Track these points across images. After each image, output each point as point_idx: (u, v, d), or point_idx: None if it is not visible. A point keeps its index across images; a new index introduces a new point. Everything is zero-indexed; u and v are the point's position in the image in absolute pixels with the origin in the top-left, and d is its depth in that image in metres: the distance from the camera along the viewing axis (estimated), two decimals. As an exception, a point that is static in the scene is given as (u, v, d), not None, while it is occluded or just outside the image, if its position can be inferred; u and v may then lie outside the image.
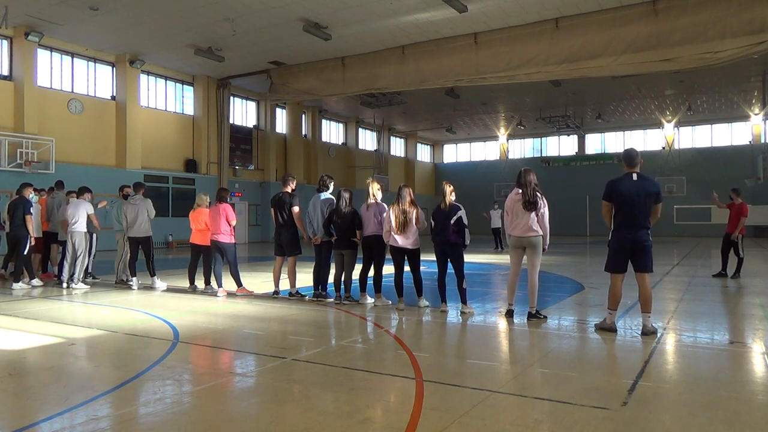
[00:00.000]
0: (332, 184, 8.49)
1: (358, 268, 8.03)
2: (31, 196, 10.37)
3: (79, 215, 9.81)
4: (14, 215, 9.91)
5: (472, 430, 3.25)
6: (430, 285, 8.49)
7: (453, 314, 7.09)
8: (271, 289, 8.90)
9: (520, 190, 6.63)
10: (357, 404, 3.71)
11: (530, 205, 6.54)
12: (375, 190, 7.80)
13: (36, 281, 10.14)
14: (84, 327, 6.50)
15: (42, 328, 6.32)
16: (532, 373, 4.54)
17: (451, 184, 7.24)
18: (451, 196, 7.15)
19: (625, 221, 5.78)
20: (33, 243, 10.03)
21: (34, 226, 10.01)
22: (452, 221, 6.99)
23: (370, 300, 7.87)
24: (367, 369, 4.66)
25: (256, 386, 4.22)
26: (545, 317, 6.71)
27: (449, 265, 7.22)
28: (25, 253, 9.88)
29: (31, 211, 9.98)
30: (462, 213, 7.06)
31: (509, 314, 6.80)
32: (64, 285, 9.70)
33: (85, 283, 10.02)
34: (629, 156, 5.94)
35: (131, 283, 9.83)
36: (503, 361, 5.08)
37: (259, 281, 10.55)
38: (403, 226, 7.26)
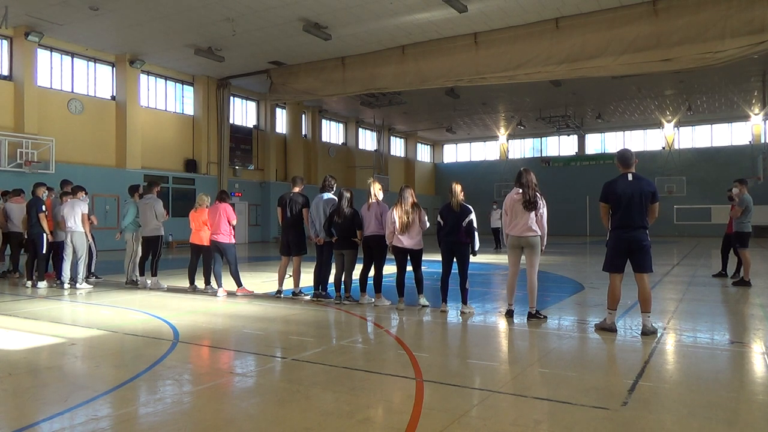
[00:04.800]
0: (336, 184, 8.50)
1: (358, 268, 8.04)
2: (44, 195, 10.50)
3: (76, 215, 9.80)
4: (30, 215, 10.15)
5: (472, 430, 3.25)
6: (431, 285, 8.50)
7: (453, 314, 7.09)
8: (272, 288, 8.91)
9: (521, 190, 6.64)
10: (357, 404, 3.71)
11: (530, 205, 6.55)
12: (376, 191, 7.83)
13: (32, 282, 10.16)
14: (84, 327, 6.49)
15: (42, 328, 6.32)
16: (532, 373, 4.54)
17: (460, 183, 7.23)
18: (460, 196, 7.15)
19: (622, 221, 5.80)
20: (50, 239, 10.18)
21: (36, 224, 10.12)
22: (464, 224, 7.00)
23: (370, 300, 7.88)
24: (367, 369, 4.66)
25: (256, 386, 4.22)
26: (545, 317, 6.71)
27: (454, 265, 7.22)
28: (44, 251, 10.09)
29: (44, 209, 10.09)
30: (473, 216, 7.06)
31: (509, 314, 6.81)
32: (65, 285, 9.70)
33: (88, 283, 10.04)
34: (624, 157, 5.97)
35: (139, 282, 9.91)
36: (503, 361, 5.08)
37: (259, 281, 10.55)
38: (406, 227, 7.29)
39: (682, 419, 3.47)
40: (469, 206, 7.13)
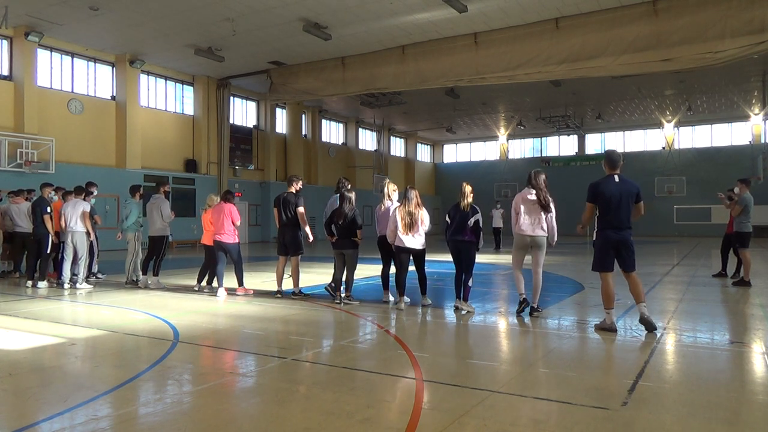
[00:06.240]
0: (349, 186, 8.51)
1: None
2: (50, 195, 10.50)
3: (77, 215, 9.81)
4: (35, 215, 10.16)
5: (472, 430, 3.25)
6: (430, 285, 8.50)
7: (453, 314, 7.11)
8: (272, 288, 8.91)
9: (533, 191, 6.81)
10: (357, 404, 3.71)
11: (545, 207, 6.76)
12: (391, 191, 7.92)
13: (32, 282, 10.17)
14: (84, 327, 6.50)
15: (42, 328, 6.32)
16: (532, 373, 4.54)
17: (470, 184, 7.31)
18: (470, 197, 7.21)
19: (612, 222, 5.96)
20: (55, 241, 10.21)
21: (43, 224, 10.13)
22: (470, 223, 7.07)
23: (397, 299, 7.88)
24: (367, 369, 4.66)
25: (256, 386, 4.23)
26: (540, 309, 6.92)
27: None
28: (48, 251, 10.12)
29: (48, 210, 10.08)
30: (479, 216, 7.15)
31: (523, 303, 6.88)
32: (65, 285, 9.70)
33: (89, 283, 10.04)
34: (612, 158, 6.14)
35: (139, 282, 9.93)
36: (503, 361, 5.08)
37: (259, 281, 10.56)
38: (409, 227, 7.35)
39: (682, 419, 3.47)
40: (476, 207, 7.21)
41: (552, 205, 6.82)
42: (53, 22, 17.71)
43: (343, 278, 8.10)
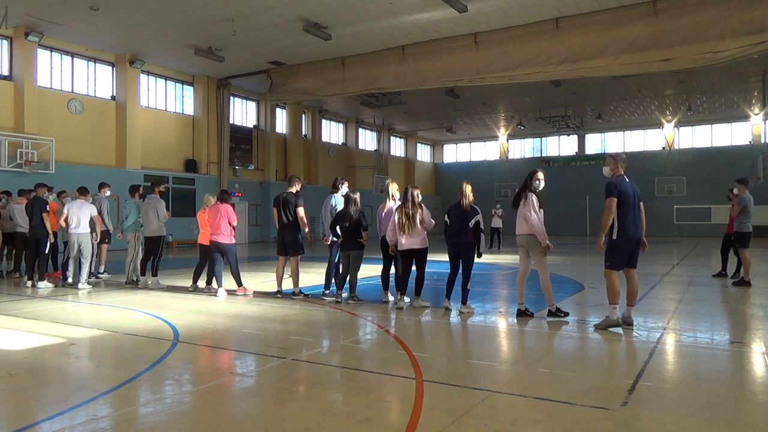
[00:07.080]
0: (346, 185, 8.50)
1: (364, 268, 8.12)
2: (45, 195, 10.51)
3: (82, 217, 9.81)
4: (32, 215, 10.15)
5: (472, 430, 3.25)
6: (429, 285, 8.53)
7: (453, 314, 7.10)
8: (272, 288, 8.91)
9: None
10: (357, 404, 3.71)
11: (514, 202, 6.89)
12: (394, 191, 7.90)
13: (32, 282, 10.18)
14: (84, 327, 6.50)
15: (42, 328, 6.32)
16: (532, 373, 4.54)
17: (470, 184, 7.24)
18: (471, 197, 7.17)
19: (630, 221, 6.02)
20: (53, 241, 10.22)
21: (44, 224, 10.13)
22: (471, 224, 7.04)
23: (393, 298, 7.90)
24: (367, 369, 4.66)
25: (256, 386, 4.23)
26: (566, 313, 6.73)
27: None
28: (46, 251, 10.12)
29: (47, 209, 10.09)
30: (480, 217, 7.09)
31: (519, 314, 6.83)
32: (65, 284, 9.70)
33: (89, 283, 10.05)
34: (624, 159, 6.29)
35: (139, 282, 9.92)
36: (503, 361, 5.08)
37: (259, 281, 10.56)
38: (409, 228, 7.30)
39: (682, 419, 3.47)
40: (477, 208, 7.15)
41: (522, 203, 6.72)
42: (53, 22, 17.71)
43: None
